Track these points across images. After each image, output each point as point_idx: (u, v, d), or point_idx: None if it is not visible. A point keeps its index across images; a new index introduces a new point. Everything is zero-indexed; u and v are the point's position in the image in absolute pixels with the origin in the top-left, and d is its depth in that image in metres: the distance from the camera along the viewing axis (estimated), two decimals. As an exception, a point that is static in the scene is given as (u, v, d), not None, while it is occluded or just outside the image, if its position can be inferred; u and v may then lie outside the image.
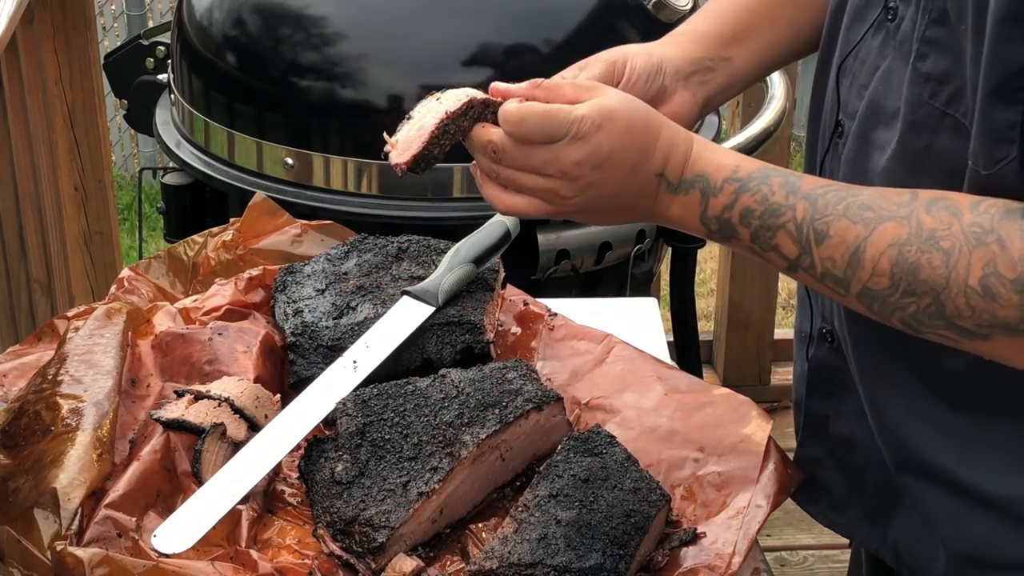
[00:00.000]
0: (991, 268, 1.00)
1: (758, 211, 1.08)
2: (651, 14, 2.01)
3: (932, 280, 1.02)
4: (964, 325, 1.03)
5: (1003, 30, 0.99)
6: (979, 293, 1.01)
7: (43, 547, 1.08)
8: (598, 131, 1.09)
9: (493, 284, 1.43)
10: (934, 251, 1.02)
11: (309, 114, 1.95)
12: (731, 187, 1.09)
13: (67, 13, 2.62)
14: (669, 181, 1.11)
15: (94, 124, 2.72)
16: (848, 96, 1.19)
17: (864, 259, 1.04)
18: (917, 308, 1.04)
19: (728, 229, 1.10)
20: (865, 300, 1.06)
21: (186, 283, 1.53)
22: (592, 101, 1.11)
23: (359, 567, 1.15)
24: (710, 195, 1.10)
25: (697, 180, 1.10)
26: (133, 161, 5.12)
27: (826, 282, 1.07)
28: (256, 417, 1.26)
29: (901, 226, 1.04)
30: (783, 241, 1.08)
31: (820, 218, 1.06)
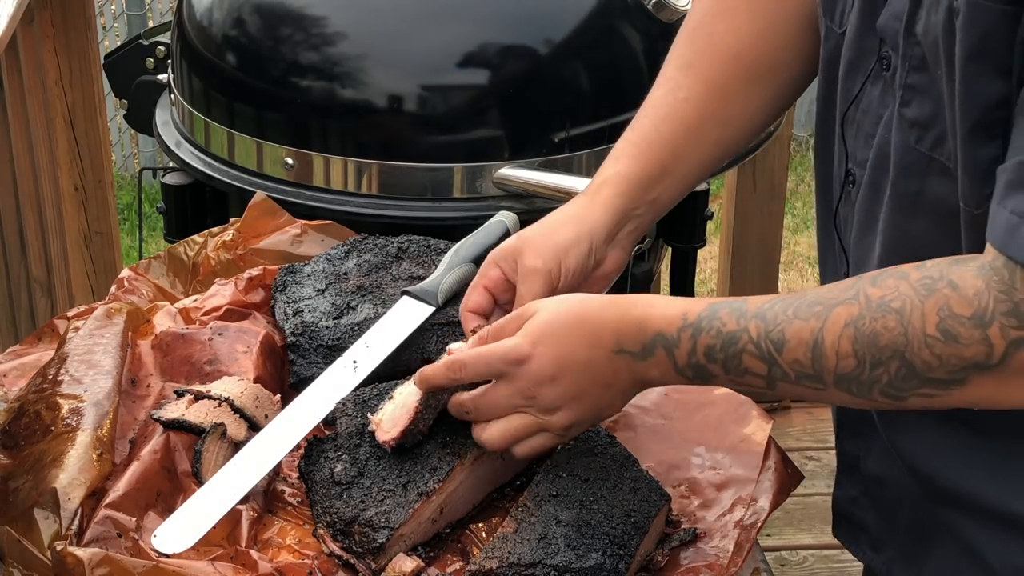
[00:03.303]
0: (946, 311, 0.99)
1: (718, 345, 1.09)
2: (651, 14, 2.01)
3: (893, 343, 1.01)
4: (938, 376, 1.01)
5: (970, 68, 1.00)
6: (940, 340, 1.00)
7: (43, 547, 1.08)
8: (536, 348, 1.13)
9: (493, 284, 1.43)
10: (887, 315, 1.02)
11: (309, 114, 1.95)
12: (687, 334, 1.10)
13: (67, 13, 2.62)
14: (632, 352, 1.12)
15: (94, 124, 2.72)
16: (855, 146, 1.19)
17: (825, 349, 1.04)
18: (889, 376, 1.03)
19: (702, 371, 1.11)
20: (843, 387, 1.05)
21: (186, 283, 1.53)
22: (523, 328, 1.15)
23: (359, 567, 1.15)
24: (673, 348, 1.11)
25: (656, 340, 1.11)
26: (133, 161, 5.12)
27: (803, 383, 1.07)
28: (256, 417, 1.26)
29: (851, 306, 1.03)
30: (750, 363, 1.08)
31: (773, 329, 1.06)
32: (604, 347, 1.13)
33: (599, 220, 1.29)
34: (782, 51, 1.32)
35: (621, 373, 1.13)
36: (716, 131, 1.33)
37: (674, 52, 1.35)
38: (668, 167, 1.31)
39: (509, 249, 1.29)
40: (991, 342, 0.98)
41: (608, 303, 1.15)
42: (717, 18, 1.33)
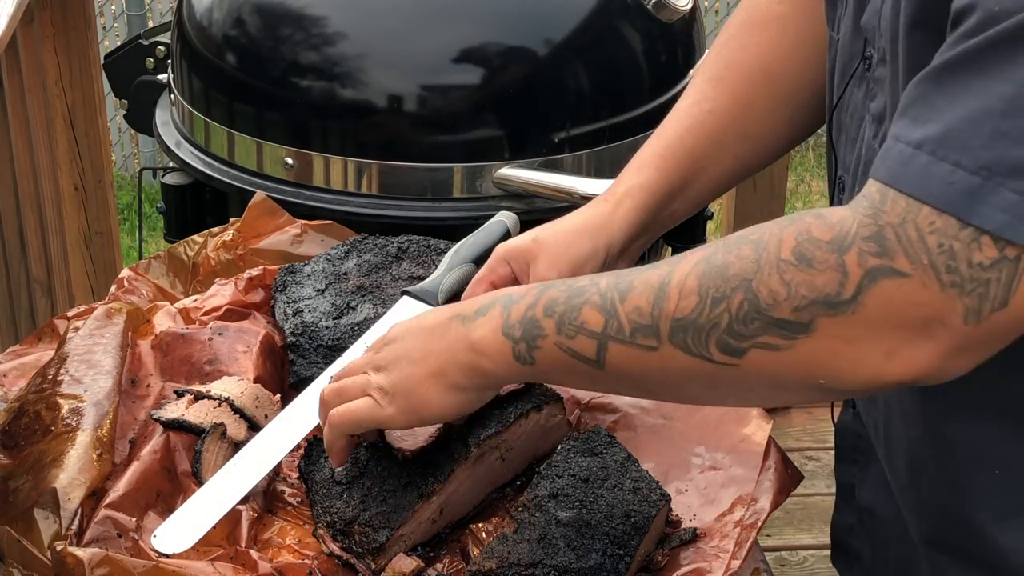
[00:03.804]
0: (804, 236, 0.90)
1: (562, 297, 1.01)
2: (651, 14, 2.01)
3: (742, 271, 0.92)
4: (782, 315, 0.90)
5: (914, 39, 0.96)
6: (793, 263, 0.90)
7: (43, 547, 1.08)
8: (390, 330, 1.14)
9: (493, 284, 1.43)
10: (743, 245, 0.93)
11: (309, 114, 1.95)
12: (535, 289, 1.04)
13: (67, 13, 2.62)
14: (464, 315, 1.07)
15: (94, 124, 2.72)
16: (844, 152, 1.16)
17: (670, 289, 0.95)
18: (730, 315, 0.92)
19: (532, 327, 1.02)
20: (678, 339, 0.94)
21: (186, 283, 1.53)
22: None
23: (359, 567, 1.15)
24: (512, 304, 1.04)
25: (499, 299, 1.06)
26: (133, 161, 5.12)
27: (637, 340, 0.96)
28: (256, 417, 1.26)
29: (708, 248, 0.96)
30: (588, 315, 0.99)
31: (624, 279, 0.99)
32: (443, 313, 1.10)
33: (617, 234, 1.27)
34: (809, 70, 1.30)
35: (446, 336, 1.07)
36: (738, 145, 1.31)
37: (705, 63, 1.34)
38: (689, 180, 1.30)
39: (523, 249, 1.26)
40: (846, 269, 0.88)
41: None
42: (748, 32, 1.32)
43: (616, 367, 0.98)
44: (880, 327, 0.88)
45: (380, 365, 1.11)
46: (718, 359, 0.93)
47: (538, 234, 1.27)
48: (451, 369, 1.07)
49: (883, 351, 0.89)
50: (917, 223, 0.86)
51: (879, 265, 0.87)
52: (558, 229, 1.28)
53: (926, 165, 0.86)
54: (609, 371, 0.99)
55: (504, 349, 1.04)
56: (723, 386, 0.97)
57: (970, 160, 0.85)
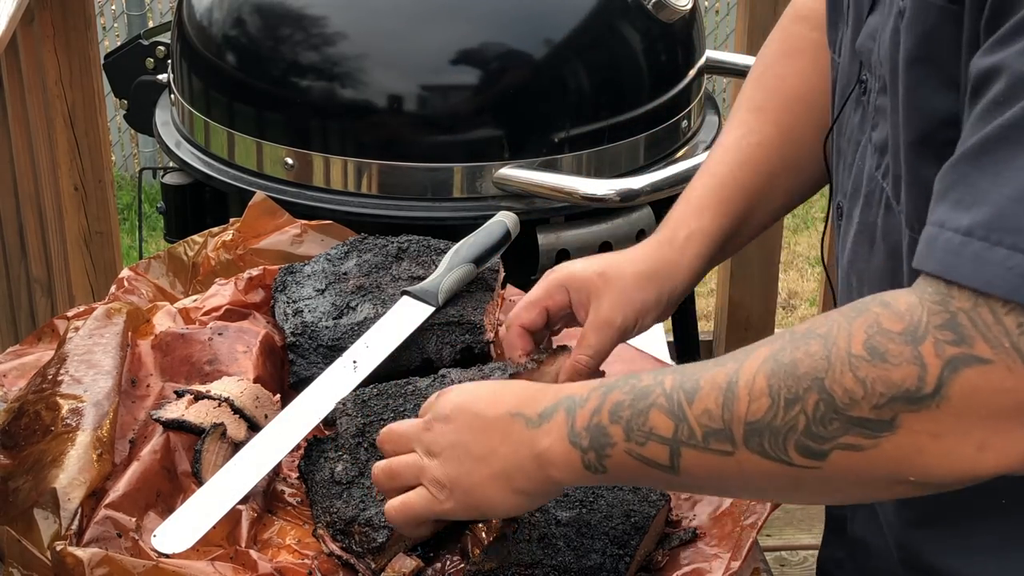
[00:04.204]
0: (875, 328, 0.85)
1: (627, 400, 0.95)
2: (651, 14, 2.01)
3: (813, 369, 0.86)
4: (862, 414, 0.85)
5: (913, 73, 0.93)
6: (866, 359, 0.85)
7: (43, 547, 1.08)
8: (450, 391, 1.08)
9: (493, 284, 1.43)
10: (811, 340, 0.88)
11: (309, 114, 1.95)
12: (597, 392, 0.98)
13: (67, 13, 2.62)
14: (527, 416, 1.01)
15: (94, 124, 2.72)
16: (841, 177, 1.13)
17: (739, 390, 0.89)
18: (807, 417, 0.86)
19: (600, 435, 0.96)
20: (754, 444, 0.89)
21: (186, 283, 1.53)
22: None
23: (359, 567, 1.15)
24: (576, 408, 0.98)
25: (561, 402, 0.99)
26: (133, 161, 5.12)
27: (711, 446, 0.91)
28: (256, 417, 1.26)
29: (775, 342, 0.90)
30: (657, 420, 0.93)
31: (689, 378, 0.93)
32: (501, 405, 1.03)
33: (681, 282, 1.25)
34: None
35: (510, 438, 1.01)
36: (790, 179, 1.29)
37: (744, 95, 1.32)
38: (746, 219, 1.28)
39: (587, 281, 1.23)
40: (924, 361, 0.83)
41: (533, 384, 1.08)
42: (784, 61, 1.30)
43: (692, 472, 0.94)
44: (968, 419, 0.83)
45: (433, 450, 1.05)
46: (799, 463, 0.88)
47: (605, 270, 1.23)
48: (517, 475, 1.02)
49: (974, 443, 0.84)
50: (991, 306, 0.82)
51: (959, 354, 0.82)
52: (626, 270, 1.24)
53: (980, 252, 0.82)
54: (685, 476, 0.94)
55: (573, 459, 0.98)
56: (807, 487, 0.92)
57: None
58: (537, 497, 1.04)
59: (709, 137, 2.17)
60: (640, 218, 2.02)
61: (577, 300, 1.23)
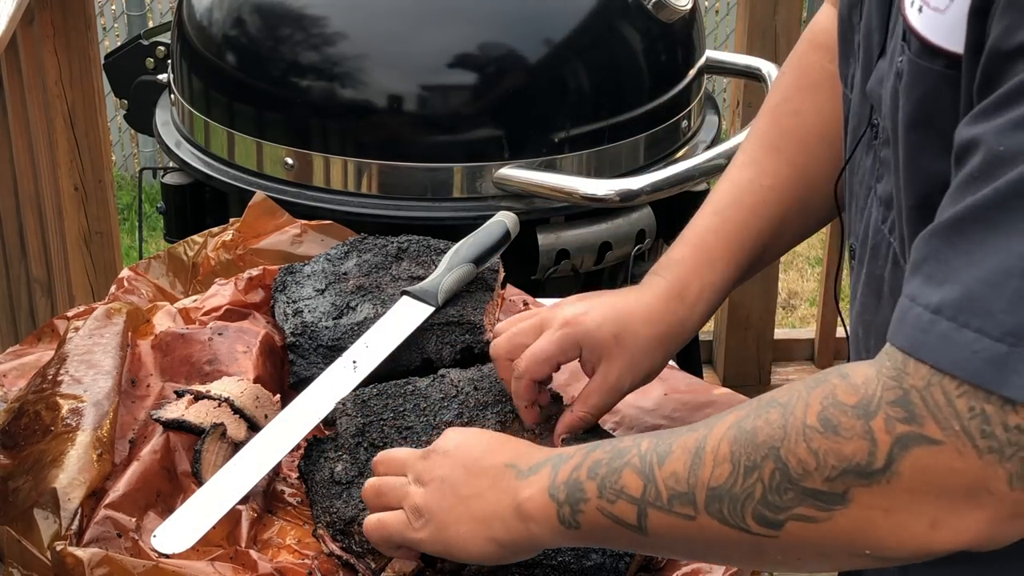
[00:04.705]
0: (830, 400, 0.85)
1: (605, 459, 0.96)
2: (651, 14, 2.01)
3: (770, 438, 0.87)
4: (815, 486, 0.85)
5: (912, 137, 0.92)
6: (819, 430, 0.85)
7: (43, 547, 1.08)
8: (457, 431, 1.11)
9: (493, 284, 1.43)
10: (772, 409, 0.88)
11: (309, 114, 1.95)
12: (583, 450, 0.99)
13: (67, 13, 2.62)
14: (518, 468, 1.02)
15: (94, 124, 2.72)
16: (853, 219, 1.11)
17: (705, 455, 0.90)
18: (763, 485, 0.87)
19: (575, 490, 0.97)
20: (714, 509, 0.89)
21: (186, 283, 1.53)
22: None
23: (359, 567, 1.15)
24: (560, 464, 0.99)
25: (550, 459, 1.01)
26: (133, 161, 5.12)
27: (675, 508, 0.91)
28: (256, 417, 1.26)
29: (741, 410, 0.91)
30: (628, 479, 0.94)
31: (663, 441, 0.94)
32: (500, 455, 1.05)
33: (686, 340, 1.25)
34: None
35: (497, 486, 1.02)
36: (800, 220, 1.27)
37: (758, 128, 1.30)
38: (753, 265, 1.27)
39: (600, 343, 1.21)
40: (874, 436, 0.82)
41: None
42: (801, 95, 1.27)
43: (659, 534, 0.94)
44: (920, 497, 0.83)
45: (424, 478, 1.07)
46: (756, 531, 0.88)
47: (619, 333, 1.22)
48: (495, 522, 1.02)
49: (927, 521, 0.83)
50: (943, 387, 0.81)
51: (908, 432, 0.82)
52: (640, 334, 1.22)
53: (947, 332, 0.81)
54: (653, 537, 0.95)
55: (549, 512, 0.99)
56: (768, 555, 0.91)
57: (993, 326, 0.79)
58: (510, 549, 1.03)
59: (709, 137, 2.17)
60: (640, 218, 2.02)
61: (587, 359, 1.23)
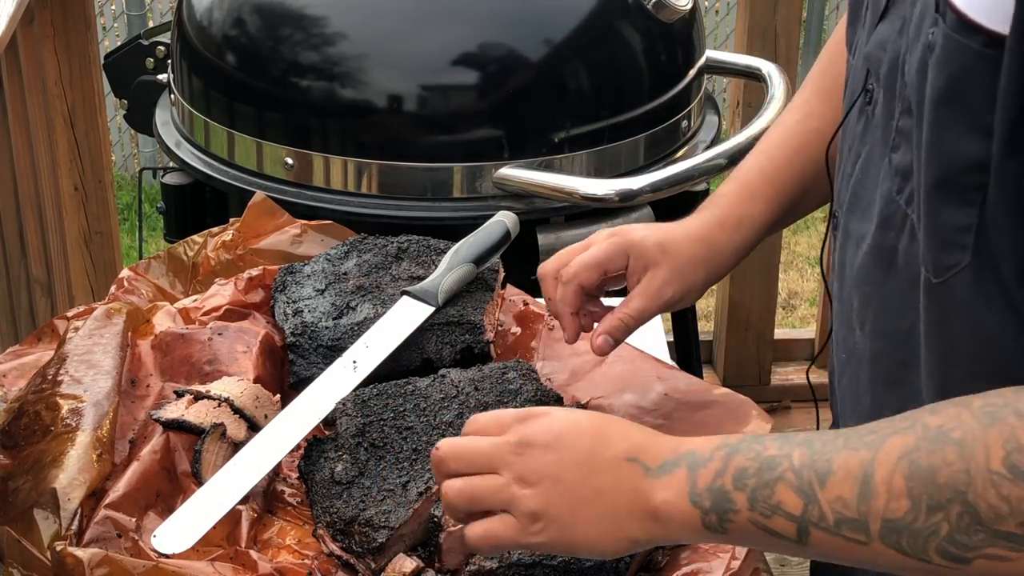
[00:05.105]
0: (1013, 444, 0.83)
1: (752, 468, 0.93)
2: (651, 14, 2.01)
3: (953, 480, 0.85)
4: (1009, 529, 0.84)
5: (939, 114, 0.90)
6: (1008, 478, 0.83)
7: (43, 547, 1.08)
8: (548, 414, 1.01)
9: (493, 284, 1.43)
10: (946, 446, 0.86)
11: (309, 114, 1.95)
12: (721, 453, 0.95)
13: (67, 13, 2.62)
14: (645, 464, 0.96)
15: (94, 124, 2.72)
16: (840, 186, 1.11)
17: (875, 484, 0.88)
18: (950, 525, 0.85)
19: (722, 500, 0.94)
20: (891, 540, 0.88)
21: (186, 283, 1.53)
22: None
23: (359, 567, 1.15)
24: (699, 467, 0.95)
25: (683, 458, 0.96)
26: (133, 161, 5.12)
27: (843, 532, 0.90)
28: (256, 417, 1.26)
29: (907, 436, 0.88)
30: (784, 496, 0.91)
31: (819, 457, 0.91)
32: (614, 447, 0.98)
33: (725, 267, 1.29)
34: None
35: (622, 484, 0.97)
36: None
37: (813, 73, 1.32)
38: (794, 206, 1.30)
39: (649, 252, 1.25)
40: None
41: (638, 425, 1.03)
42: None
43: (821, 549, 0.92)
44: None
45: (529, 479, 0.98)
46: (939, 563, 0.87)
47: (665, 243, 1.26)
48: (627, 522, 0.97)
49: None
50: None
51: None
52: (683, 249, 1.27)
53: None
54: (812, 549, 0.93)
55: (692, 517, 0.95)
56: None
57: None
58: (645, 544, 0.99)
59: (709, 137, 2.17)
60: (640, 218, 2.02)
61: (633, 267, 1.26)
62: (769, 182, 1.29)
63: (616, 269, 1.26)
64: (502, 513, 0.99)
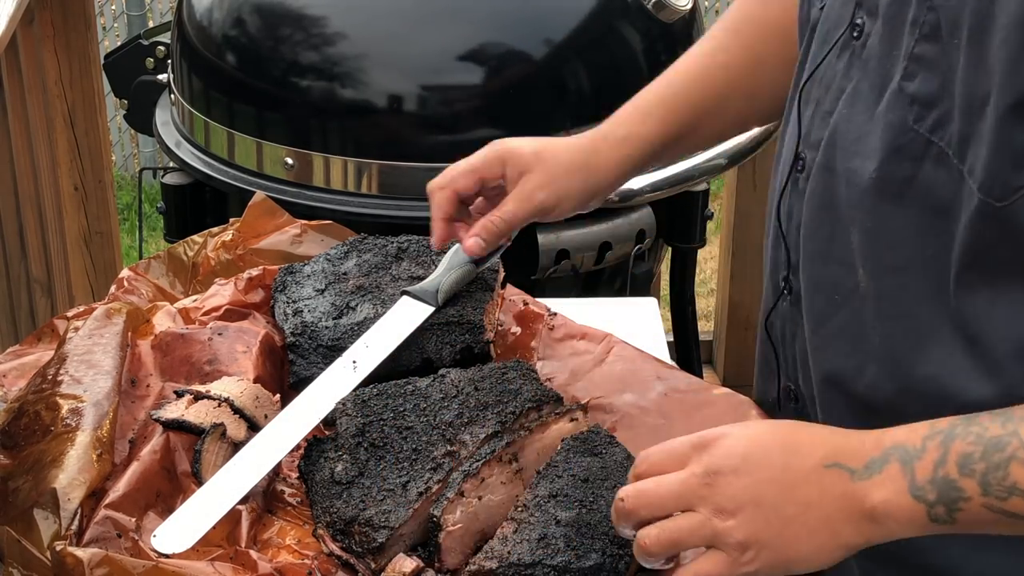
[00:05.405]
0: None
1: (977, 452, 0.90)
2: (651, 14, 2.01)
3: None
4: None
5: (1020, 34, 0.88)
6: None
7: (43, 547, 1.08)
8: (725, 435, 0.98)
9: (493, 284, 1.43)
10: None
11: (309, 114, 1.95)
12: (934, 441, 0.92)
13: (67, 13, 2.62)
14: (849, 468, 0.94)
15: (94, 124, 2.72)
16: (811, 125, 1.11)
17: None
18: None
19: (949, 490, 0.91)
20: None
21: (186, 283, 1.53)
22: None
23: (359, 567, 1.15)
24: (913, 460, 0.92)
25: (890, 453, 0.93)
26: (133, 161, 5.12)
27: None
28: (256, 417, 1.26)
29: None
30: (1020, 475, 0.89)
31: None
32: (811, 456, 0.95)
33: (607, 179, 1.31)
34: None
35: (829, 492, 0.93)
36: (742, 103, 1.33)
37: (729, 11, 1.35)
38: (685, 134, 1.32)
39: (523, 157, 1.29)
40: None
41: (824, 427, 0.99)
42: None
43: None
44: None
45: (728, 508, 0.95)
46: None
47: (540, 151, 1.29)
48: (843, 529, 0.94)
49: None
50: None
51: None
52: (560, 155, 1.29)
53: None
54: None
55: (916, 512, 0.93)
56: None
57: None
58: (861, 547, 0.96)
59: (709, 137, 2.17)
60: (640, 218, 2.02)
61: (510, 174, 1.29)
62: (663, 104, 1.32)
63: (493, 176, 1.29)
64: (709, 550, 0.96)
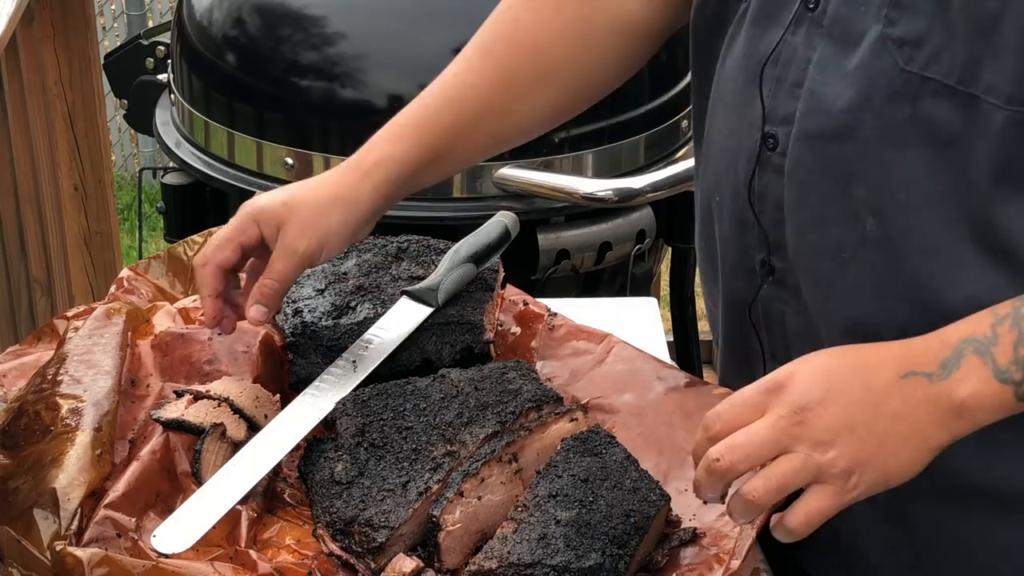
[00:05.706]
0: None
1: None
2: (651, 14, 2.01)
3: None
4: None
5: None
6: None
7: (43, 547, 1.08)
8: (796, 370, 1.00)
9: (493, 284, 1.43)
10: None
11: (309, 114, 1.95)
12: (1004, 326, 0.96)
13: (67, 13, 2.62)
14: (928, 373, 0.97)
15: (94, 124, 2.72)
16: (775, 103, 1.13)
17: None
18: None
19: None
20: None
21: (186, 283, 1.53)
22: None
23: (359, 567, 1.15)
24: (989, 346, 0.96)
25: (961, 348, 0.97)
26: (133, 161, 5.12)
27: None
28: (256, 417, 1.26)
29: None
30: None
31: None
32: (885, 370, 0.98)
33: (367, 206, 1.29)
34: (584, 52, 1.31)
35: (912, 399, 0.97)
36: (496, 122, 1.33)
37: (479, 32, 1.35)
38: (442, 155, 1.32)
39: (273, 212, 1.27)
40: None
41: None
42: (524, 5, 1.33)
43: None
44: None
45: (825, 439, 0.97)
46: None
47: (289, 199, 1.28)
48: (934, 432, 0.98)
49: None
50: None
51: None
52: (310, 197, 1.28)
53: None
54: None
55: (1004, 394, 0.97)
56: None
57: None
58: (946, 446, 0.99)
59: (709, 137, 2.17)
60: (640, 218, 2.02)
61: (267, 232, 1.27)
62: (416, 126, 1.31)
63: (250, 239, 1.27)
64: (810, 487, 0.98)
